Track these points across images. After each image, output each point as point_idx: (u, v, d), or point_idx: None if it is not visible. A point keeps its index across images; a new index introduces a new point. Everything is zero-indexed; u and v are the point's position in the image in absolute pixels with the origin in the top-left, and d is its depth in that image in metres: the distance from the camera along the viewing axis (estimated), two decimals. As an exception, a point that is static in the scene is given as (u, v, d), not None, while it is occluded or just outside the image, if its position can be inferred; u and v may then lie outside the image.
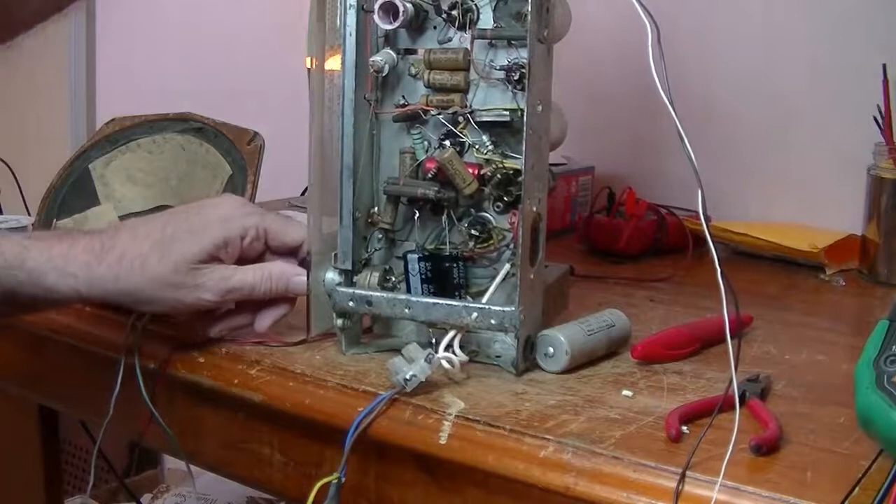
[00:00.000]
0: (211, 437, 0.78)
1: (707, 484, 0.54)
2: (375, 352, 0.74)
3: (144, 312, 0.77)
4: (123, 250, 0.70)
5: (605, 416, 0.62)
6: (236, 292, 0.72)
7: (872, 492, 0.51)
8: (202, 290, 0.71)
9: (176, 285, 0.70)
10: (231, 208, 0.74)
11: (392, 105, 0.73)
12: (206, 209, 0.74)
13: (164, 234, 0.71)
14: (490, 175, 0.71)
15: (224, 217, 0.73)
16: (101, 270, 0.70)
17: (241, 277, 0.72)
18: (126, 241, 0.71)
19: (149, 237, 0.71)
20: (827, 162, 1.18)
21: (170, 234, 0.71)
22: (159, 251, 0.70)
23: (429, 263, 0.73)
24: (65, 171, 0.94)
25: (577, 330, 0.71)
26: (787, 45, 1.20)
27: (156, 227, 0.72)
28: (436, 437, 0.62)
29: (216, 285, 0.71)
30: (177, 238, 0.71)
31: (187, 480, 1.76)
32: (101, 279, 0.70)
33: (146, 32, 1.89)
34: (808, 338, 0.82)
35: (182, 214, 0.73)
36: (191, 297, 0.71)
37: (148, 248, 0.70)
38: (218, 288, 0.71)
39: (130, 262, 0.70)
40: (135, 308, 0.74)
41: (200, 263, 0.71)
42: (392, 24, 0.70)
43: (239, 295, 0.73)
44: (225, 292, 0.72)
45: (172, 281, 0.70)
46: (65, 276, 0.70)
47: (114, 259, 0.70)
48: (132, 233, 0.72)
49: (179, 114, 0.96)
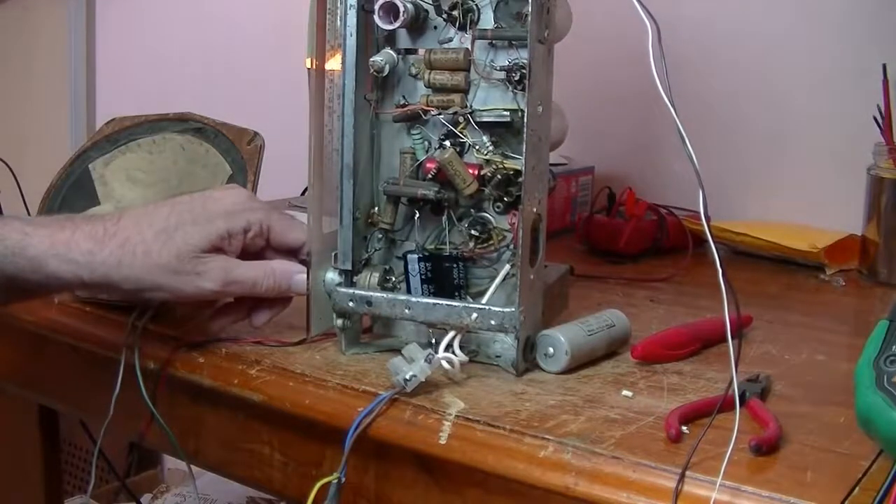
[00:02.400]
0: (211, 437, 0.78)
1: (707, 484, 0.54)
2: (375, 352, 0.74)
3: (144, 301, 0.76)
4: (126, 236, 0.71)
5: (605, 416, 0.62)
6: (237, 285, 0.72)
7: (872, 492, 0.51)
8: (204, 279, 0.71)
9: (178, 272, 0.70)
10: (237, 201, 0.74)
11: (392, 105, 0.73)
12: (212, 201, 0.74)
13: (167, 223, 0.71)
14: (490, 175, 0.71)
15: (229, 209, 0.73)
16: (104, 256, 0.70)
17: (243, 271, 0.72)
18: (129, 227, 0.71)
19: (152, 225, 0.71)
20: (827, 162, 1.18)
21: (174, 223, 0.71)
22: (162, 238, 0.70)
23: (429, 264, 0.73)
24: (65, 171, 0.94)
25: (577, 330, 0.71)
26: (788, 45, 1.20)
27: (160, 215, 0.72)
28: (436, 437, 0.62)
29: (218, 275, 0.71)
30: (180, 227, 0.71)
31: (187, 480, 1.76)
32: (103, 265, 0.70)
33: (146, 32, 1.89)
34: (808, 338, 0.82)
35: (187, 204, 0.73)
36: (192, 285, 0.71)
37: (151, 235, 0.70)
38: (220, 278, 0.71)
39: (133, 249, 0.70)
40: (135, 296, 0.73)
41: (203, 253, 0.71)
42: (392, 24, 0.70)
43: (240, 288, 0.73)
44: (226, 283, 0.71)
45: (174, 268, 0.70)
46: (67, 262, 0.70)
47: (116, 245, 0.70)
48: (135, 220, 0.72)
49: (179, 114, 0.96)
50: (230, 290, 0.72)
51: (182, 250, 0.70)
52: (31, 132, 2.05)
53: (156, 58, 1.86)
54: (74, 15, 1.95)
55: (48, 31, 2.01)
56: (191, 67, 1.79)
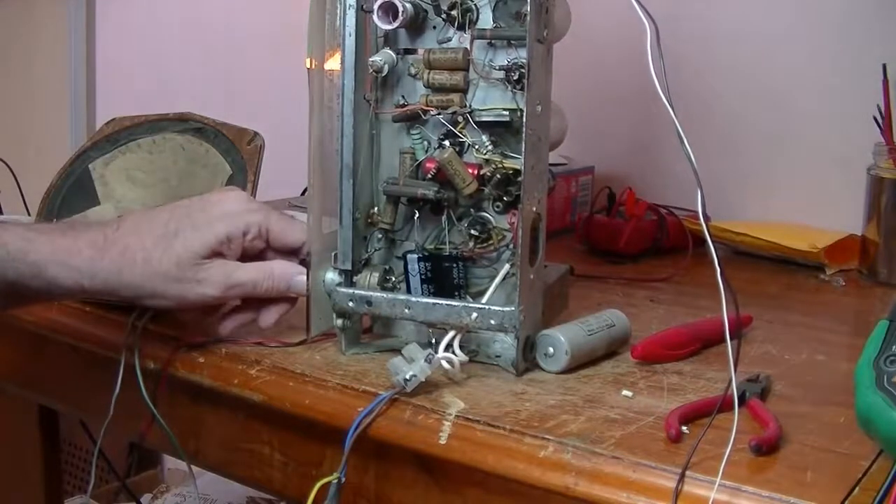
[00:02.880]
0: (211, 437, 0.78)
1: (707, 484, 0.54)
2: (375, 352, 0.74)
3: (148, 307, 0.77)
4: (126, 244, 0.71)
5: (605, 416, 0.62)
6: (238, 288, 0.72)
7: (872, 492, 0.51)
8: (205, 285, 0.71)
9: (179, 280, 0.71)
10: (235, 204, 0.74)
11: (392, 105, 0.73)
12: (210, 204, 0.74)
13: (167, 229, 0.71)
14: (490, 175, 0.71)
15: (227, 212, 0.73)
16: (105, 264, 0.70)
17: (243, 273, 0.72)
18: (129, 234, 0.71)
19: (151, 232, 0.71)
20: (827, 162, 1.18)
21: (173, 229, 0.71)
22: (162, 246, 0.71)
23: (429, 263, 0.73)
24: (65, 171, 0.94)
25: (577, 330, 0.71)
26: (788, 45, 1.20)
27: (160, 221, 0.72)
28: (436, 437, 0.62)
29: (219, 280, 0.71)
30: (180, 233, 0.71)
31: (187, 480, 1.77)
32: (104, 272, 0.70)
33: (146, 32, 1.89)
34: (808, 338, 0.82)
35: (185, 209, 0.73)
36: (193, 292, 0.71)
37: (151, 242, 0.71)
38: (220, 283, 0.71)
39: (133, 256, 0.70)
40: (138, 303, 0.74)
41: (203, 259, 0.71)
42: (392, 24, 0.70)
43: (241, 291, 0.73)
44: (227, 287, 0.72)
45: (175, 275, 0.70)
46: (68, 269, 0.70)
47: (117, 253, 0.71)
48: (135, 226, 0.72)
49: (179, 114, 0.96)
50: (231, 293, 0.73)
51: (182, 257, 0.70)
52: (31, 132, 2.05)
53: (156, 58, 1.86)
54: (74, 15, 1.95)
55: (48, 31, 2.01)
56: (191, 67, 1.79)
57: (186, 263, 0.71)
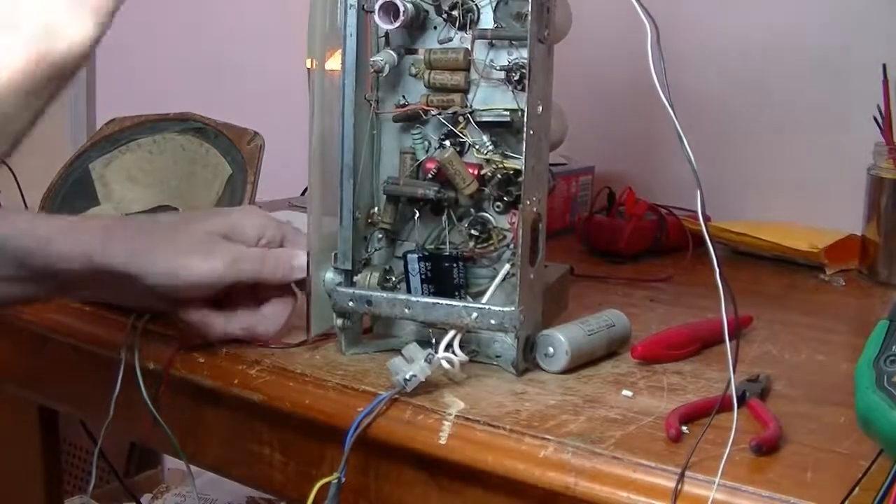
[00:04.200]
0: (211, 438, 0.78)
1: (706, 484, 0.54)
2: (375, 352, 0.74)
3: (150, 300, 0.76)
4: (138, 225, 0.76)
5: (604, 416, 0.62)
6: (245, 262, 0.73)
7: (872, 492, 0.51)
8: (215, 257, 0.72)
9: (189, 252, 0.72)
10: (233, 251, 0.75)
11: (392, 105, 0.73)
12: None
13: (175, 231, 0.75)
14: (490, 175, 0.71)
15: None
16: (116, 234, 0.73)
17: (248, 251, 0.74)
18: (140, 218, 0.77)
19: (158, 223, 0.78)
20: (827, 162, 1.18)
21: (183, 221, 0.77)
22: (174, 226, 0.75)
23: (429, 263, 0.73)
24: (65, 171, 0.94)
25: (577, 330, 0.71)
26: (787, 45, 1.20)
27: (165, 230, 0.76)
28: (436, 437, 0.62)
29: (227, 254, 0.72)
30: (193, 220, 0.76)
31: (187, 480, 1.76)
32: (115, 240, 0.72)
33: (146, 32, 1.89)
34: (808, 338, 0.82)
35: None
36: (202, 263, 0.71)
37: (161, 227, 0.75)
38: (229, 256, 0.72)
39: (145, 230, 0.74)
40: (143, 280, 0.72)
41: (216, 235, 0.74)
42: (392, 24, 0.70)
43: (247, 267, 0.73)
44: (234, 260, 0.72)
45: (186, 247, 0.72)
46: (76, 241, 0.71)
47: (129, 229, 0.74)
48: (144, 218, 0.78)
49: (179, 114, 0.96)
50: (237, 267, 0.73)
51: (196, 231, 0.73)
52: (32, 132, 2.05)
53: (156, 58, 1.86)
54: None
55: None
56: (191, 67, 1.79)
57: (199, 235, 0.73)
